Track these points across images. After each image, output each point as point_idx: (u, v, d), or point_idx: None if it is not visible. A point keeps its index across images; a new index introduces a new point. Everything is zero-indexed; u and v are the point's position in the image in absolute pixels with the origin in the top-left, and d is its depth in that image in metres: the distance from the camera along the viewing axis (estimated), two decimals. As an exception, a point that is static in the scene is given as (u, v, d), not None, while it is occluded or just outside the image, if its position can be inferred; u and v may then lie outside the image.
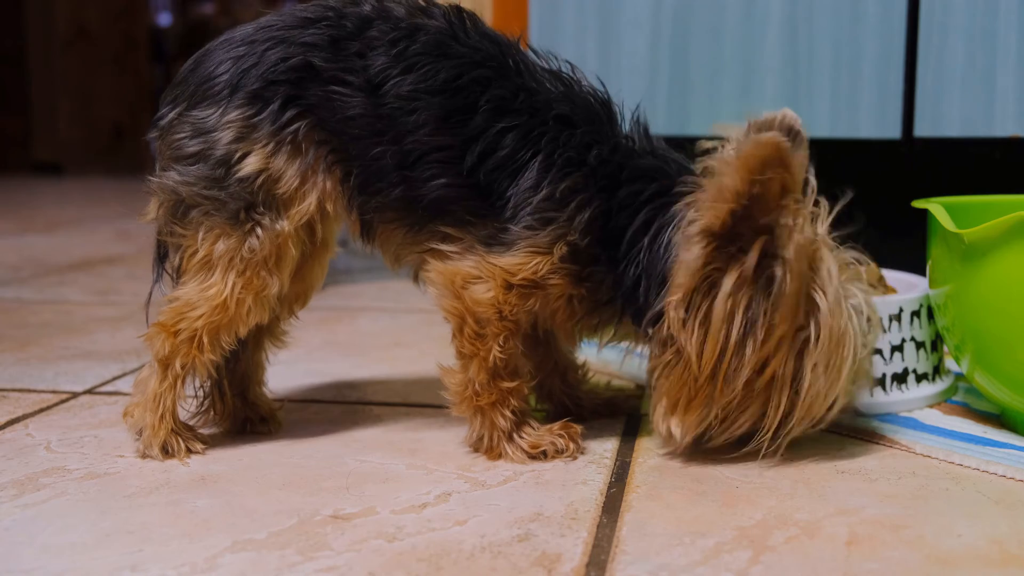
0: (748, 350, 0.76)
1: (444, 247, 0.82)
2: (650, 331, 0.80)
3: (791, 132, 0.77)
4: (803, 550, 0.65)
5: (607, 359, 1.14)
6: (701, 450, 0.86)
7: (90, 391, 1.06)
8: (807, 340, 0.77)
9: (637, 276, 0.80)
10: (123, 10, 5.23)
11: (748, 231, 0.76)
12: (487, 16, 1.84)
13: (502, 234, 0.80)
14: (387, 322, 1.44)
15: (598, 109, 0.83)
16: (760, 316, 0.76)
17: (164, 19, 5.47)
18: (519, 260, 0.80)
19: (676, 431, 0.80)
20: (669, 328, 0.78)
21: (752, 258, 0.76)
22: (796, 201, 0.76)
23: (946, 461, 0.82)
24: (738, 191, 0.75)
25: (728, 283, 0.76)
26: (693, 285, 0.77)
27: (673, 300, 0.78)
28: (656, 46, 1.44)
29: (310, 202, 0.82)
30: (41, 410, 0.99)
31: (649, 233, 0.80)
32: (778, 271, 0.76)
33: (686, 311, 0.77)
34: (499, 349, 0.81)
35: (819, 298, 0.77)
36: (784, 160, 0.74)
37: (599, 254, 0.81)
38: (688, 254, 0.77)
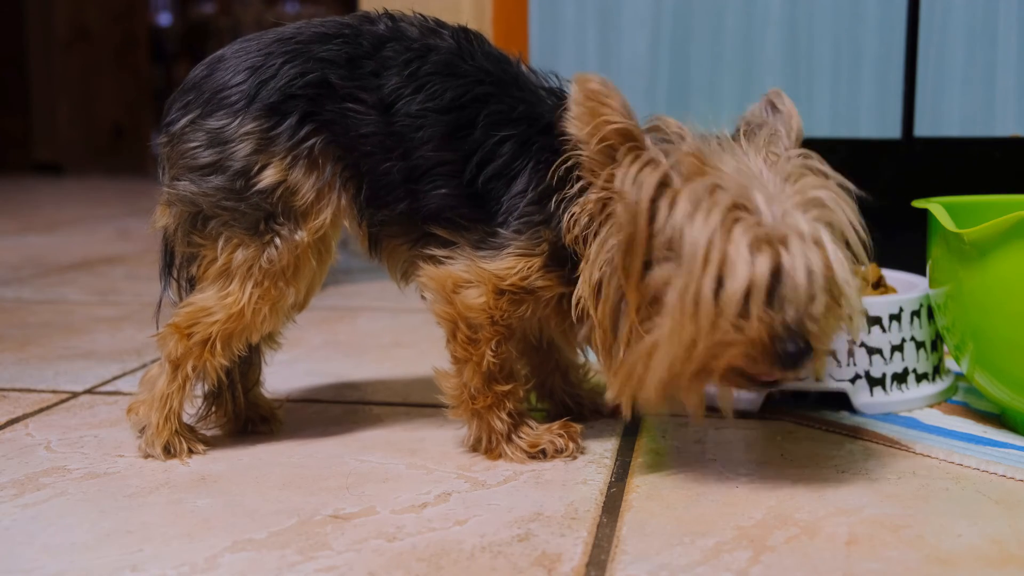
0: (615, 294, 0.73)
1: (437, 251, 0.82)
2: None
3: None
4: (803, 550, 0.65)
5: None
6: (701, 449, 0.86)
7: (90, 391, 1.06)
8: (666, 263, 0.71)
9: None
10: (123, 10, 5.22)
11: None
12: (487, 15, 1.84)
13: (492, 238, 0.81)
14: (387, 322, 1.44)
15: None
16: (616, 257, 0.73)
17: (164, 19, 5.46)
18: (507, 264, 0.80)
19: (610, 395, 0.76)
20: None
21: (612, 197, 0.74)
22: (626, 130, 0.73)
23: (946, 461, 0.83)
24: (577, 136, 0.74)
25: (603, 231, 0.74)
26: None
27: (584, 265, 0.76)
28: (656, 46, 1.44)
29: (325, 216, 0.83)
30: (41, 410, 0.99)
31: None
32: (618, 202, 0.73)
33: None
34: (492, 354, 0.82)
35: (663, 211, 0.70)
36: (589, 89, 0.73)
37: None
38: (582, 209, 0.76)
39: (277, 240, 0.82)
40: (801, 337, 0.69)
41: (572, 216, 0.76)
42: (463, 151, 0.81)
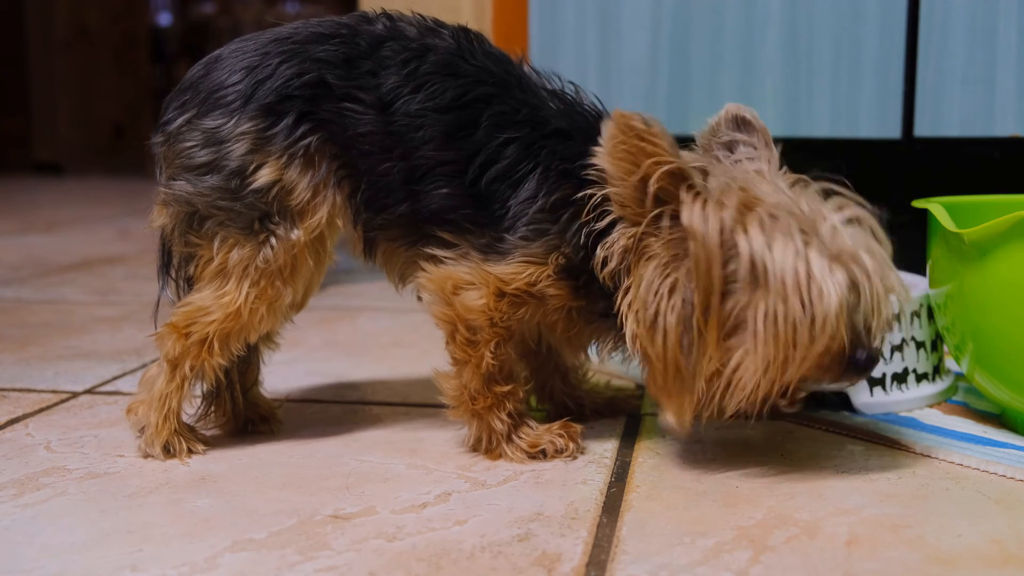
0: (693, 325, 0.73)
1: (440, 252, 0.82)
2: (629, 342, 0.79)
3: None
4: (803, 550, 0.65)
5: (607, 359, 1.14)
6: (701, 449, 0.86)
7: (90, 391, 1.06)
8: (745, 290, 0.72)
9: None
10: (123, 10, 5.23)
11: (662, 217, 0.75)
12: (487, 16, 1.84)
13: (498, 243, 0.80)
14: (387, 322, 1.44)
15: (595, 124, 0.82)
16: (688, 289, 0.73)
17: (164, 19, 5.46)
18: (513, 269, 0.80)
19: (669, 420, 0.78)
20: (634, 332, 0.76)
21: (654, 236, 0.75)
22: (679, 170, 0.73)
23: (946, 461, 0.83)
24: (612, 173, 0.74)
25: (648, 270, 0.75)
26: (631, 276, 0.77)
27: (626, 300, 0.77)
28: (656, 46, 1.44)
29: (321, 215, 0.82)
30: (41, 410, 0.99)
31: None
32: (689, 241, 0.73)
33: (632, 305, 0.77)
34: (491, 355, 0.82)
35: (741, 241, 0.72)
36: (631, 126, 0.73)
37: (593, 268, 0.80)
38: (618, 246, 0.76)
39: (272, 240, 0.82)
40: (871, 345, 0.75)
41: (607, 249, 0.77)
42: (465, 151, 0.81)
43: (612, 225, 0.77)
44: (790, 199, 0.75)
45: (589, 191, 0.77)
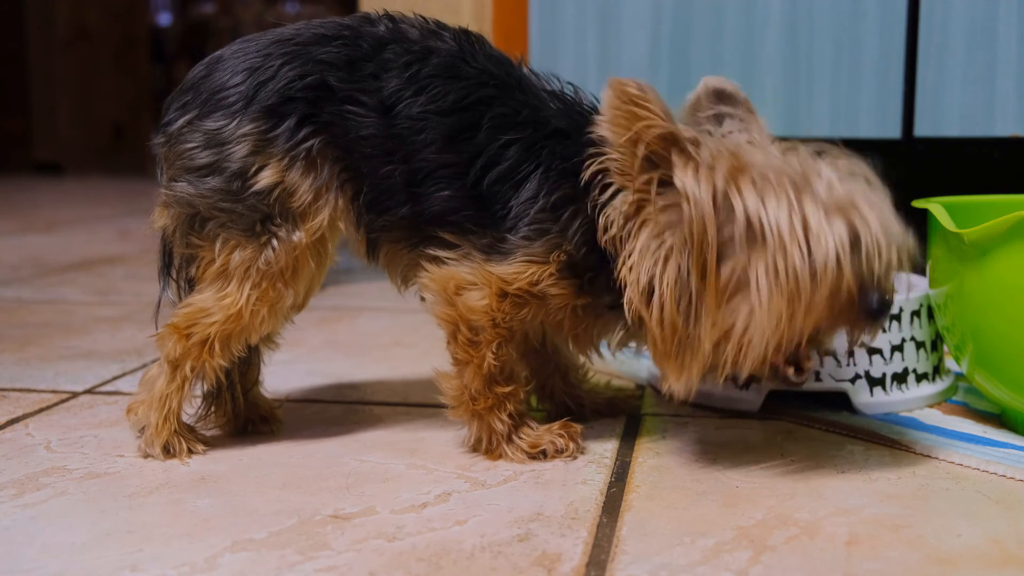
0: (692, 288, 0.74)
1: (442, 253, 0.82)
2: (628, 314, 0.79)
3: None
4: (803, 550, 0.65)
5: (607, 359, 1.14)
6: (701, 449, 0.86)
7: (90, 391, 1.06)
8: (743, 250, 0.73)
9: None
10: (123, 10, 5.22)
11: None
12: (487, 17, 1.84)
13: (500, 243, 0.81)
14: (387, 322, 1.44)
15: (594, 123, 0.83)
16: (684, 253, 0.74)
17: (164, 19, 5.46)
18: (516, 269, 0.80)
19: (672, 386, 0.78)
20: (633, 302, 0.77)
21: (649, 201, 0.75)
22: (671, 134, 0.74)
23: (946, 461, 0.83)
24: (611, 140, 0.75)
25: (643, 235, 0.76)
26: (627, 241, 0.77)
27: (627, 266, 0.77)
28: (656, 46, 1.44)
29: (323, 217, 0.82)
30: (41, 410, 0.99)
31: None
32: (683, 204, 0.74)
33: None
34: (493, 356, 0.82)
35: (736, 201, 0.73)
36: (626, 92, 0.74)
37: (597, 263, 0.81)
38: (618, 212, 0.77)
39: (274, 242, 0.82)
40: (884, 289, 0.75)
41: (608, 217, 0.77)
42: (467, 153, 0.81)
43: (615, 198, 0.78)
44: (781, 161, 0.75)
45: (589, 170, 0.78)
